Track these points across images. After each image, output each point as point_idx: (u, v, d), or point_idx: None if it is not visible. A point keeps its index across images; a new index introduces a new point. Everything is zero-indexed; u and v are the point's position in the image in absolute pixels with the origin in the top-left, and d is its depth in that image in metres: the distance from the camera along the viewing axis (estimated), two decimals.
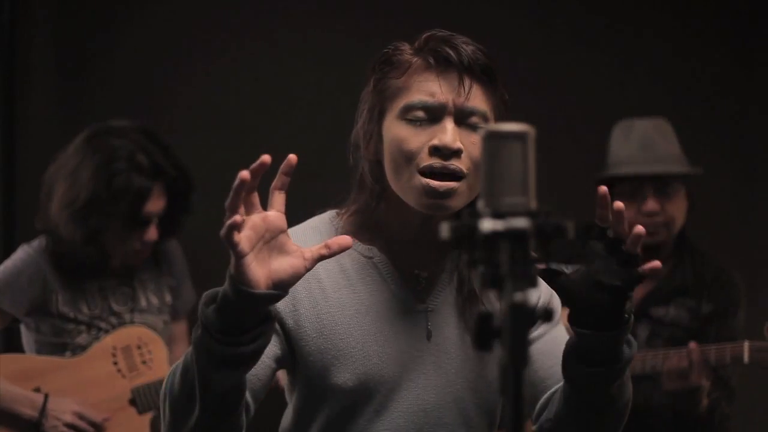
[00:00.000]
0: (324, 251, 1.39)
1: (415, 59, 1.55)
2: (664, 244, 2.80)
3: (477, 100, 1.53)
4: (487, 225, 0.99)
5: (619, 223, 1.43)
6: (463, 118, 1.53)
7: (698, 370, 2.58)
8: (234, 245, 1.31)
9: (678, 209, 2.80)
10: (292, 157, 1.37)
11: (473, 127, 1.53)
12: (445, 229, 1.03)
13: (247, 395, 1.52)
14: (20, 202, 3.40)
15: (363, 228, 1.61)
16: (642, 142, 2.85)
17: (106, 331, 2.70)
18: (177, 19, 3.52)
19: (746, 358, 2.54)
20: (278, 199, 1.38)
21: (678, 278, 2.82)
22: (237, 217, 1.30)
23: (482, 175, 1.03)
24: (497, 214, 1.00)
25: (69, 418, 2.57)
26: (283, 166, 1.37)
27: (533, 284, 0.97)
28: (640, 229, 1.42)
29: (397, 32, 1.63)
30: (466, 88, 1.52)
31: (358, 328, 1.58)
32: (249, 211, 1.35)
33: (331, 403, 1.58)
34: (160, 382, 2.68)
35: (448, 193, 1.51)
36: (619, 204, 1.42)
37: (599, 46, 3.53)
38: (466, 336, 1.63)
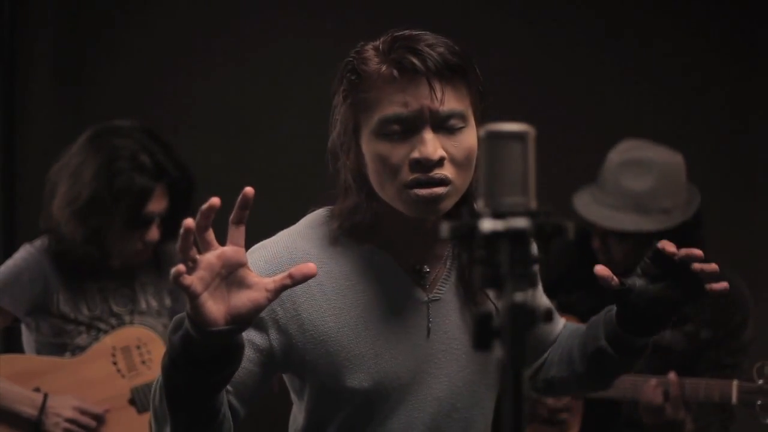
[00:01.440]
0: (287, 281, 1.37)
1: (383, 68, 1.50)
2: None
3: (452, 101, 1.49)
4: (487, 225, 0.99)
5: (690, 257, 1.53)
6: (441, 123, 1.49)
7: (675, 405, 2.50)
8: (185, 288, 1.31)
9: (624, 252, 2.71)
10: (249, 190, 1.35)
11: (452, 130, 1.50)
12: (445, 229, 1.03)
13: (235, 401, 1.53)
14: (20, 202, 3.41)
15: (358, 228, 1.59)
16: (604, 178, 2.78)
17: (106, 332, 2.70)
18: (177, 20, 3.52)
19: (734, 398, 2.43)
20: (236, 233, 1.36)
21: None
22: (180, 266, 1.30)
23: (482, 175, 1.03)
24: (497, 214, 1.00)
25: (69, 413, 2.57)
26: (239, 200, 1.35)
27: (533, 284, 0.98)
28: (713, 266, 1.53)
29: None
30: (438, 94, 1.47)
31: (366, 329, 1.57)
32: (205, 250, 1.34)
33: (346, 404, 1.59)
34: None
35: (437, 200, 1.50)
36: (698, 252, 1.52)
37: (600, 48, 3.53)
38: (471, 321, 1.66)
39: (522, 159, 1.02)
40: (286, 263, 1.52)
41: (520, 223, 0.99)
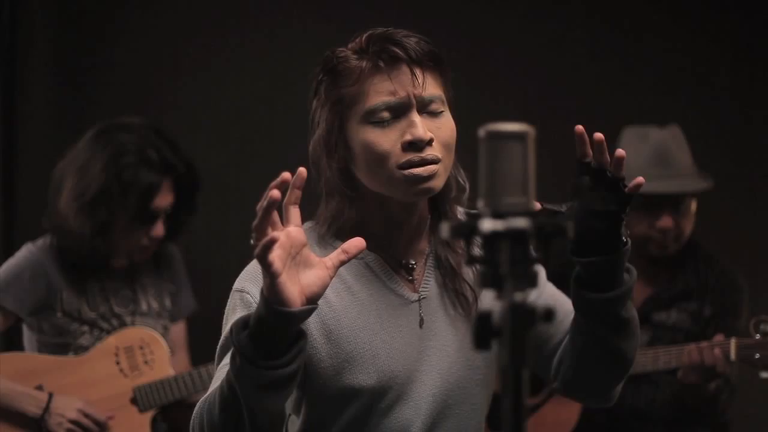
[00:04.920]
0: (343, 257, 1.41)
1: (364, 63, 1.56)
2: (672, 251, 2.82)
3: (431, 87, 1.57)
4: (487, 225, 0.99)
5: (601, 154, 1.51)
6: (424, 107, 1.56)
7: (722, 361, 2.59)
8: (269, 266, 1.31)
9: (689, 222, 2.83)
10: (303, 171, 1.38)
11: (434, 114, 1.57)
12: (445, 229, 1.03)
13: None
14: (20, 202, 3.40)
15: (344, 232, 1.61)
16: (658, 155, 2.83)
17: (108, 332, 2.70)
18: (177, 19, 3.52)
19: (733, 355, 2.56)
20: (294, 213, 1.39)
21: (680, 283, 2.83)
22: (275, 234, 1.31)
23: (482, 175, 1.04)
24: (497, 214, 1.00)
25: (74, 414, 2.57)
26: (294, 180, 1.38)
27: (533, 284, 0.98)
28: (620, 152, 1.51)
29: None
30: (420, 79, 1.55)
31: (363, 329, 1.59)
32: (273, 230, 1.35)
33: (347, 405, 1.60)
34: (162, 381, 2.69)
35: (431, 176, 1.55)
36: (598, 135, 1.51)
37: (601, 46, 3.52)
38: (456, 315, 1.66)
39: (522, 159, 1.02)
40: None
41: (520, 223, 0.99)
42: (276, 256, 1.32)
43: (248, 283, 1.57)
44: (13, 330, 2.80)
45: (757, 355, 2.54)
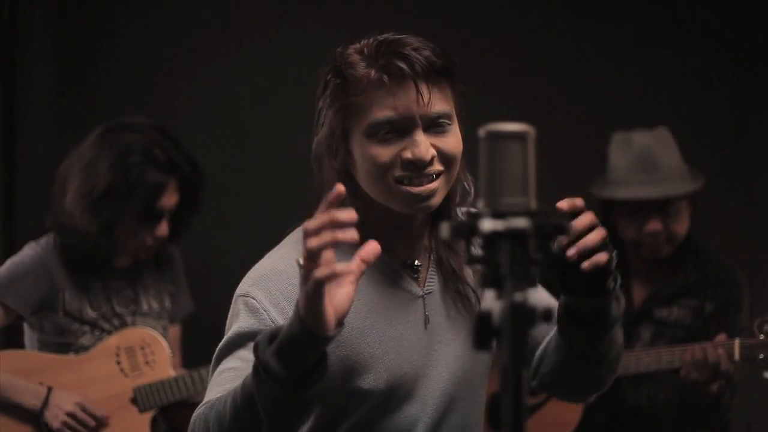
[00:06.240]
0: (363, 266, 1.37)
1: (371, 73, 1.52)
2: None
3: (438, 103, 1.53)
4: (487, 225, 0.99)
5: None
6: (430, 123, 1.53)
7: (726, 359, 2.59)
8: (320, 292, 1.28)
9: (681, 223, 2.80)
10: (340, 188, 1.32)
11: (440, 129, 1.54)
12: (445, 229, 1.04)
13: None
14: (20, 202, 3.41)
15: None
16: (642, 160, 2.80)
17: (109, 332, 2.71)
18: (177, 19, 3.52)
19: (737, 355, 2.56)
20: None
21: (680, 279, 2.83)
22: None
23: (482, 175, 1.04)
24: (497, 214, 1.00)
25: (70, 407, 2.58)
26: (331, 198, 1.32)
27: (533, 284, 0.98)
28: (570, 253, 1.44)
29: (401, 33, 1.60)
30: (426, 97, 1.51)
31: (372, 328, 1.58)
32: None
33: (358, 406, 1.59)
34: (162, 382, 2.69)
35: (429, 195, 1.54)
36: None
37: (599, 47, 3.52)
38: (458, 311, 1.65)
39: (522, 159, 1.02)
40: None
41: (520, 223, 0.99)
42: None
43: (253, 288, 1.55)
44: (13, 329, 2.80)
45: (761, 356, 2.54)
